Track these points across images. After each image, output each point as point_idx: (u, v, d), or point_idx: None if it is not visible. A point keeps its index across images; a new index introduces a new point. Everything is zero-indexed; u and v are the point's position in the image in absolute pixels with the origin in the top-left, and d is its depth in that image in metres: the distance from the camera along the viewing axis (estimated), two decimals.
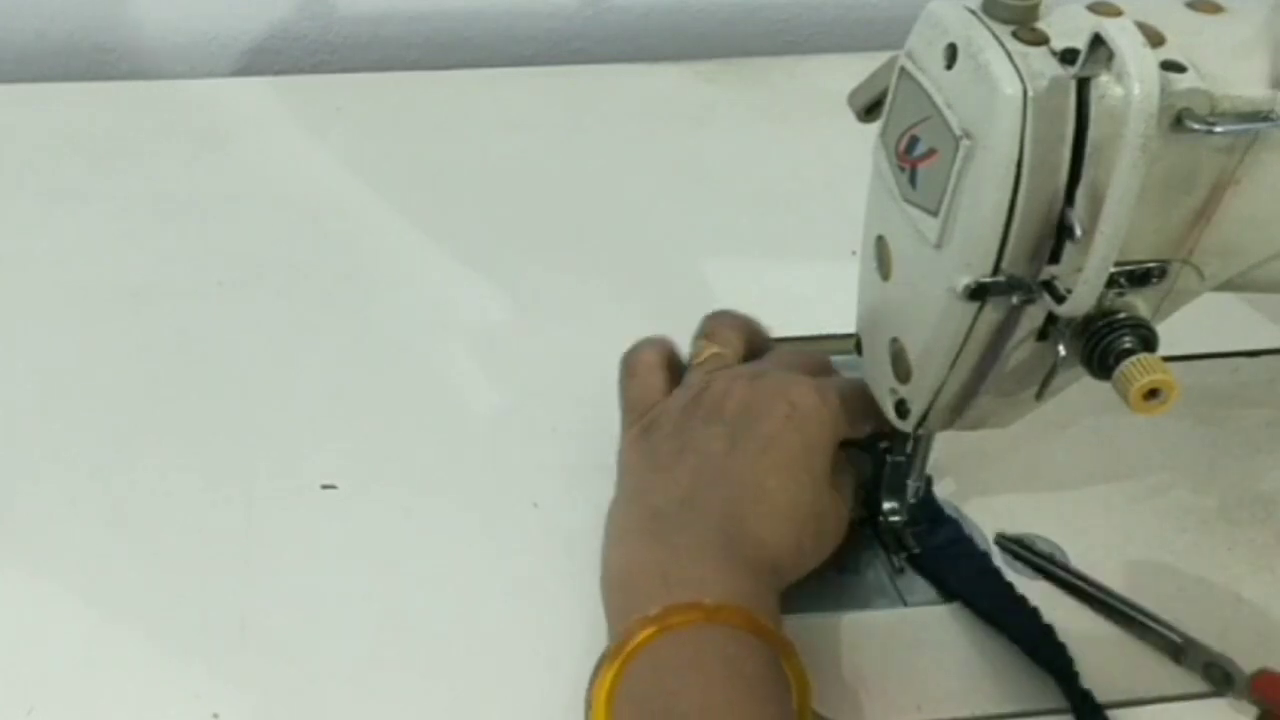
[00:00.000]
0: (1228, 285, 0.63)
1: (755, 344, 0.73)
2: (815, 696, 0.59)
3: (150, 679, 0.63)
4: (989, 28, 0.58)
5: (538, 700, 0.64)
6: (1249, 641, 0.68)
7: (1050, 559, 0.71)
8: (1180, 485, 0.76)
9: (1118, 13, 0.58)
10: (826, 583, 0.69)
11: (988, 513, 0.73)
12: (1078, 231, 0.57)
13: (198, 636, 0.65)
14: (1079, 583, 0.69)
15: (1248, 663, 0.66)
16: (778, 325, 0.74)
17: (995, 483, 0.75)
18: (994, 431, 0.67)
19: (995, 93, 0.56)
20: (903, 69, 0.61)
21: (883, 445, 0.70)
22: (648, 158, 0.96)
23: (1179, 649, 0.67)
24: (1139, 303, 0.61)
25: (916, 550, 0.71)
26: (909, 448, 0.70)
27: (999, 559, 0.71)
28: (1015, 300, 0.60)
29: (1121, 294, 0.60)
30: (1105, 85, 0.57)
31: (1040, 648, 0.66)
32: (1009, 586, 0.69)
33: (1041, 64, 0.57)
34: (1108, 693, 0.65)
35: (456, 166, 0.94)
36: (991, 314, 0.60)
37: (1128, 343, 0.59)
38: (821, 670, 0.64)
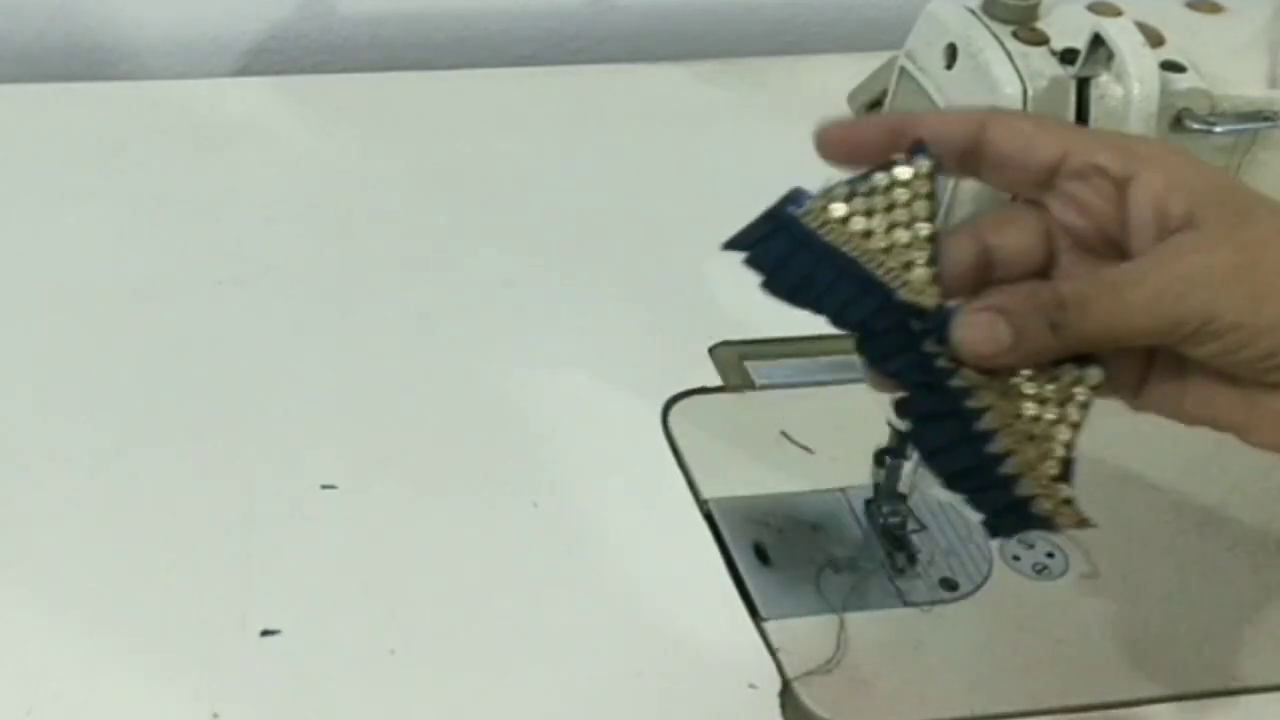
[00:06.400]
0: None
1: None
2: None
3: (150, 679, 0.63)
4: (989, 28, 0.58)
5: (538, 700, 0.64)
6: (1248, 642, 0.68)
7: None
8: (1181, 485, 0.76)
9: (1118, 13, 0.58)
10: (827, 582, 0.69)
11: None
12: None
13: (198, 636, 0.65)
14: None
15: (1245, 663, 0.66)
16: (778, 325, 0.74)
17: None
18: None
19: (995, 93, 0.57)
20: (903, 69, 0.61)
21: (884, 448, 0.70)
22: (648, 158, 0.96)
23: None
24: None
25: None
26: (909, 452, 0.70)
27: (1001, 565, 0.71)
28: None
29: None
30: (1105, 85, 0.57)
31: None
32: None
33: (1041, 64, 0.57)
34: None
35: (456, 166, 0.94)
36: None
37: None
38: (822, 670, 0.64)
